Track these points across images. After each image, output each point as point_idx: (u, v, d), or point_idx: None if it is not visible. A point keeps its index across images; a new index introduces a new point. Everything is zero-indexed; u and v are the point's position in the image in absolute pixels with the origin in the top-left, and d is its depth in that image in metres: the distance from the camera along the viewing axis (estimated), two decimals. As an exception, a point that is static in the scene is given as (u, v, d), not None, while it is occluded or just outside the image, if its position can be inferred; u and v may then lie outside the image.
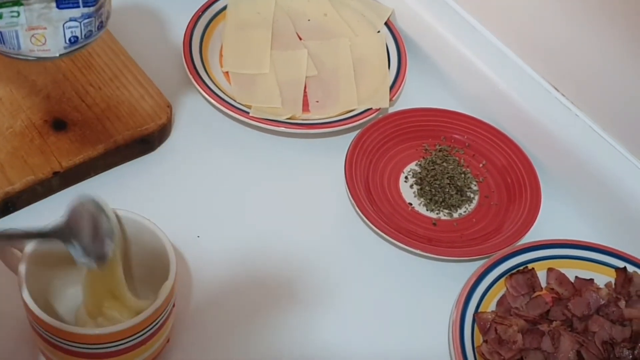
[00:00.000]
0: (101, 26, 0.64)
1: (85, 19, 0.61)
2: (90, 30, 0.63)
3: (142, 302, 0.63)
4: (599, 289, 0.74)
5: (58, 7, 0.59)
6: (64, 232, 0.58)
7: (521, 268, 0.74)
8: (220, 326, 0.70)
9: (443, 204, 0.82)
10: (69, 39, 0.62)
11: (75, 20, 0.61)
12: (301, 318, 0.72)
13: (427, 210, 0.82)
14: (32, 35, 0.60)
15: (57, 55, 0.62)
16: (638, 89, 0.76)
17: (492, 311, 0.72)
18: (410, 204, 0.82)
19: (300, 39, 0.96)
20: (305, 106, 0.88)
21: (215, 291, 0.73)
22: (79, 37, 0.62)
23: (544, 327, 0.70)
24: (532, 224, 0.78)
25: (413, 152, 0.86)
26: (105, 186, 0.79)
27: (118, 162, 0.80)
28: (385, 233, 0.76)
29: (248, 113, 0.84)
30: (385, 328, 0.73)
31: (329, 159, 0.84)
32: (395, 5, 0.98)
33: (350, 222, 0.80)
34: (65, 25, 0.60)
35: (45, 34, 0.60)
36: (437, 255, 0.75)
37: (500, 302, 0.73)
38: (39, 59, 0.62)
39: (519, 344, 0.68)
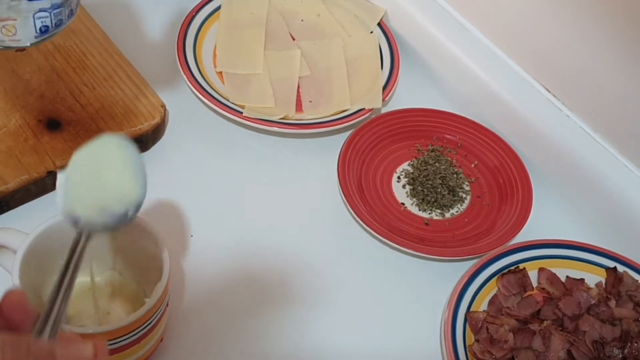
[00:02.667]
0: (71, 14, 0.63)
1: (55, 9, 0.60)
2: (61, 19, 0.62)
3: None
4: (589, 288, 0.74)
5: None
6: None
7: (512, 268, 0.75)
8: (214, 325, 0.71)
9: (435, 204, 0.82)
10: (40, 29, 0.60)
11: (45, 10, 0.59)
12: (294, 317, 0.73)
13: (419, 210, 0.82)
14: (3, 27, 0.59)
15: (28, 44, 0.61)
16: (628, 91, 0.76)
17: (484, 311, 0.72)
18: (403, 203, 0.82)
19: (294, 39, 0.97)
20: (299, 106, 0.89)
21: (209, 290, 0.73)
22: (50, 27, 0.61)
23: (535, 327, 0.70)
24: (524, 224, 0.79)
25: (405, 152, 0.87)
26: (99, 186, 0.79)
27: (112, 161, 0.80)
28: (377, 233, 0.76)
29: (241, 113, 0.84)
30: (378, 327, 0.73)
31: (322, 159, 0.85)
32: (388, 6, 0.98)
33: (342, 221, 0.80)
34: (35, 15, 0.59)
35: (15, 25, 0.59)
36: (429, 255, 0.76)
37: (491, 302, 0.73)
38: (9, 47, 0.61)
39: (510, 343, 0.69)
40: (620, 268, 0.76)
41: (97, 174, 0.52)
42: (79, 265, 0.47)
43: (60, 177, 0.52)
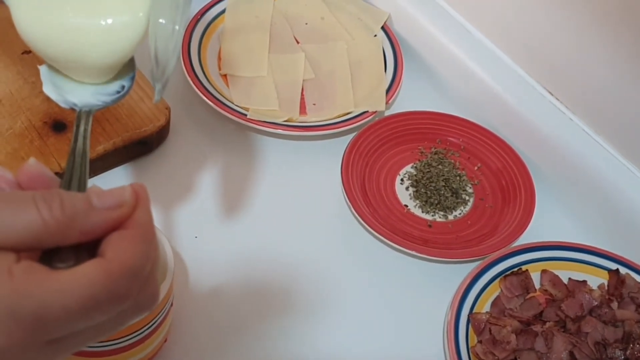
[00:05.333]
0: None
1: None
2: None
3: None
4: (592, 290, 0.74)
5: None
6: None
7: (515, 269, 0.75)
8: (218, 326, 0.71)
9: (438, 206, 0.82)
10: None
11: None
12: (297, 318, 0.73)
13: (422, 212, 0.82)
14: None
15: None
16: (631, 94, 0.77)
17: (487, 312, 0.73)
18: (406, 205, 0.83)
19: (298, 42, 0.97)
20: (303, 109, 0.89)
21: (213, 291, 0.73)
22: None
23: (537, 328, 0.71)
24: (527, 226, 0.79)
25: (409, 155, 0.87)
26: (104, 187, 0.79)
27: (117, 163, 0.81)
28: (381, 234, 0.76)
29: (246, 115, 0.85)
30: (381, 328, 0.73)
31: (326, 161, 0.85)
32: (391, 10, 0.99)
33: (346, 223, 0.81)
34: None
35: None
36: (432, 256, 0.76)
37: (494, 303, 0.74)
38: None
39: (512, 344, 0.69)
40: (623, 270, 0.76)
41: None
42: (88, 136, 0.47)
43: (42, 69, 0.52)
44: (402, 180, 0.85)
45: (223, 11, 0.97)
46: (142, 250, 0.41)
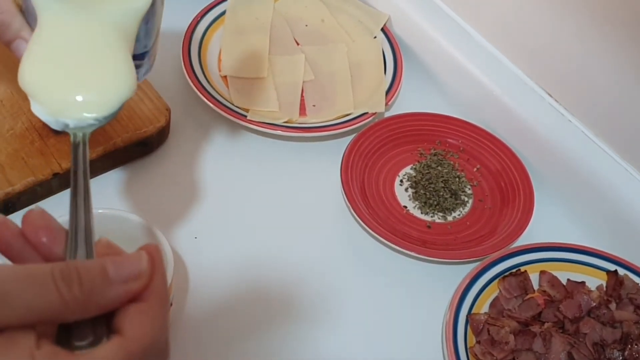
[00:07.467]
0: (148, 71, 0.59)
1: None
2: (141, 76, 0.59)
3: None
4: (590, 291, 0.75)
5: None
6: None
7: (514, 270, 0.75)
8: (218, 326, 0.71)
9: (437, 207, 0.83)
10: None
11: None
12: (296, 318, 0.73)
13: (421, 213, 0.83)
14: None
15: None
16: (630, 96, 0.77)
17: (485, 313, 0.73)
18: (405, 207, 0.83)
19: (298, 44, 0.97)
20: (302, 110, 0.89)
21: (213, 291, 0.74)
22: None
23: (535, 329, 0.71)
24: (525, 227, 0.79)
25: (408, 156, 0.88)
26: (104, 188, 0.80)
27: (117, 164, 0.81)
28: (380, 235, 0.77)
29: (245, 117, 0.85)
30: (380, 328, 0.73)
31: (325, 163, 0.85)
32: (391, 12, 0.99)
33: (346, 224, 0.81)
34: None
35: None
36: (431, 257, 0.76)
37: (493, 304, 0.74)
38: None
39: (511, 345, 0.69)
40: (621, 271, 0.76)
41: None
42: (88, 169, 0.45)
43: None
44: (401, 181, 0.85)
45: (223, 13, 0.97)
46: (160, 322, 0.40)
